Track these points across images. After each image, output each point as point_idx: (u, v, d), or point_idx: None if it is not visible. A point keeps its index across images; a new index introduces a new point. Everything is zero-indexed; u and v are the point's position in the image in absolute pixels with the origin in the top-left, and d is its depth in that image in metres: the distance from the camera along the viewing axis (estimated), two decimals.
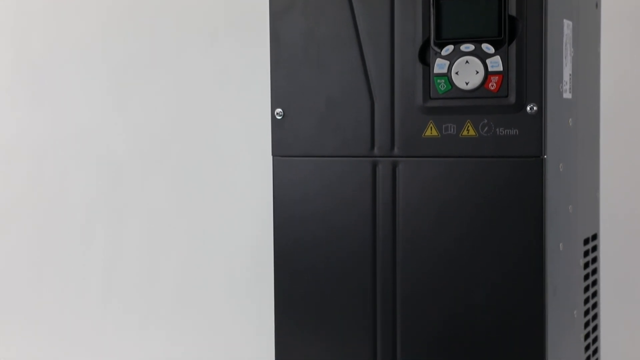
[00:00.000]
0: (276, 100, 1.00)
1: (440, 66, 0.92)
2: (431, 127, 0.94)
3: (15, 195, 2.00)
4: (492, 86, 0.90)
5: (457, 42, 0.91)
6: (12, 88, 1.99)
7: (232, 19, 1.80)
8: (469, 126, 0.92)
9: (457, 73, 0.91)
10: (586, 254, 1.08)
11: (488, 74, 0.90)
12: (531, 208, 0.90)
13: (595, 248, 1.13)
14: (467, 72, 0.91)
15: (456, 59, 0.91)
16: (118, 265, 1.93)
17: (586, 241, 1.08)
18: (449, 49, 0.91)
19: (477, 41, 0.90)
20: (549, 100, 0.90)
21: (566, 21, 0.96)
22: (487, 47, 0.90)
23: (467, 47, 0.91)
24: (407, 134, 0.95)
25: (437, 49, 0.92)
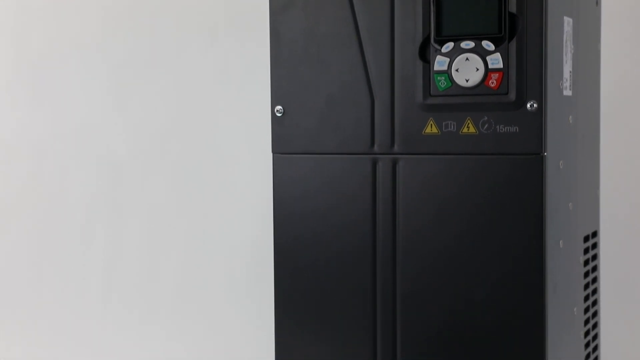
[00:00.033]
0: (276, 97, 1.00)
1: (440, 63, 0.92)
2: (431, 125, 0.94)
3: (15, 194, 2.00)
4: (492, 83, 0.90)
5: (457, 39, 0.91)
6: (12, 87, 1.98)
7: (232, 18, 1.80)
8: (469, 123, 0.92)
9: (457, 70, 0.91)
10: (586, 251, 1.08)
11: (488, 71, 0.90)
12: (531, 205, 0.90)
13: (595, 245, 1.13)
14: (467, 69, 0.91)
15: (456, 56, 0.91)
16: (118, 265, 1.93)
17: (586, 238, 1.08)
18: (449, 46, 0.91)
19: (477, 38, 0.90)
20: (549, 98, 0.90)
21: (566, 18, 0.96)
22: (487, 44, 0.90)
23: (467, 44, 0.91)
24: (407, 131, 0.95)
25: (437, 46, 0.92)
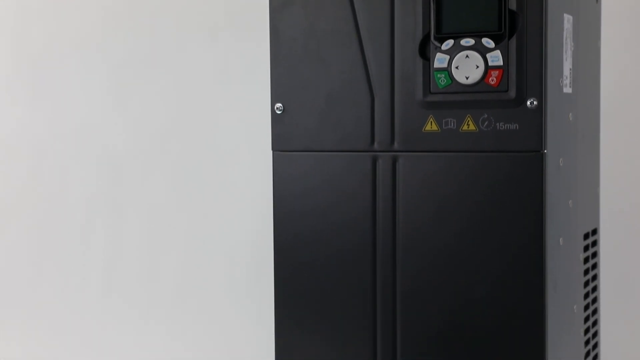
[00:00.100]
0: (276, 95, 1.00)
1: (440, 60, 0.92)
2: (431, 122, 0.93)
3: (15, 193, 2.00)
4: (492, 81, 0.90)
5: (457, 37, 0.91)
6: (11, 86, 1.98)
7: (232, 17, 1.79)
8: (469, 121, 0.92)
9: (457, 67, 0.91)
10: (586, 248, 1.08)
11: (488, 68, 0.90)
12: (531, 203, 0.90)
13: (595, 243, 1.13)
14: (467, 66, 0.91)
15: (456, 54, 0.91)
16: (118, 263, 1.93)
17: (586, 236, 1.08)
18: (449, 43, 0.91)
19: (478, 35, 0.90)
20: (549, 95, 0.90)
21: (566, 16, 0.96)
22: (488, 42, 0.90)
23: (468, 41, 0.91)
24: (407, 128, 0.95)
25: (437, 43, 0.92)
